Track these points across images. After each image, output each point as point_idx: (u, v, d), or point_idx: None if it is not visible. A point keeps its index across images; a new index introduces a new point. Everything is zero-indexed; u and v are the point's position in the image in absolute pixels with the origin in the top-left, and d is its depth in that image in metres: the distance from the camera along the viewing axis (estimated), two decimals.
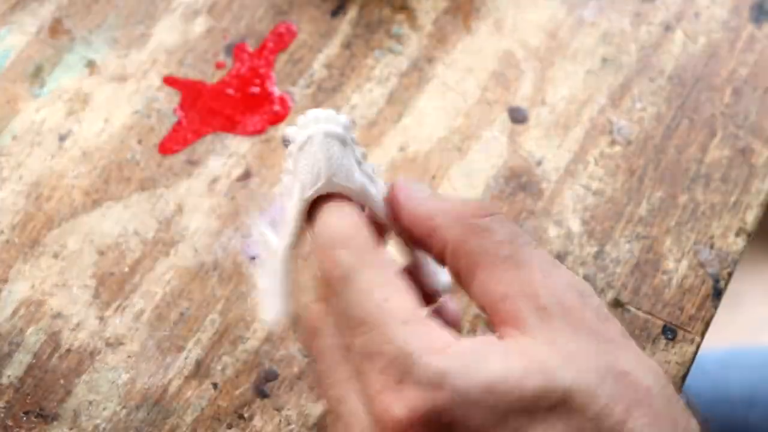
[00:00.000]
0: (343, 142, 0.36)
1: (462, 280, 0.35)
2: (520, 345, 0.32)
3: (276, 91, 0.52)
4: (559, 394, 0.31)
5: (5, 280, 0.48)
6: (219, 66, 0.53)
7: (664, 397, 0.32)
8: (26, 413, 0.45)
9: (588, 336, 0.32)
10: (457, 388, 0.31)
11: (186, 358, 0.46)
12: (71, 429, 0.45)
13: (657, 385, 0.32)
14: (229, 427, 0.45)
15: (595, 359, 0.31)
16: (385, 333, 0.33)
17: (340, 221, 0.36)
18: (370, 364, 0.33)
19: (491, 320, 0.33)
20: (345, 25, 0.54)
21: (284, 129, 0.37)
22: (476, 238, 0.34)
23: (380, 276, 0.34)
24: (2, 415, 0.45)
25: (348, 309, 0.34)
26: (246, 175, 0.50)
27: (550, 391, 0.31)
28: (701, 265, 0.48)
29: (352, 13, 0.54)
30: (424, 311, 0.34)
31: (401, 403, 0.31)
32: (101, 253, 0.48)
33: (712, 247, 0.49)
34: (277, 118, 0.51)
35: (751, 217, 0.50)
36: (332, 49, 0.53)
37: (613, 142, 0.51)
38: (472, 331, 0.47)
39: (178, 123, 0.51)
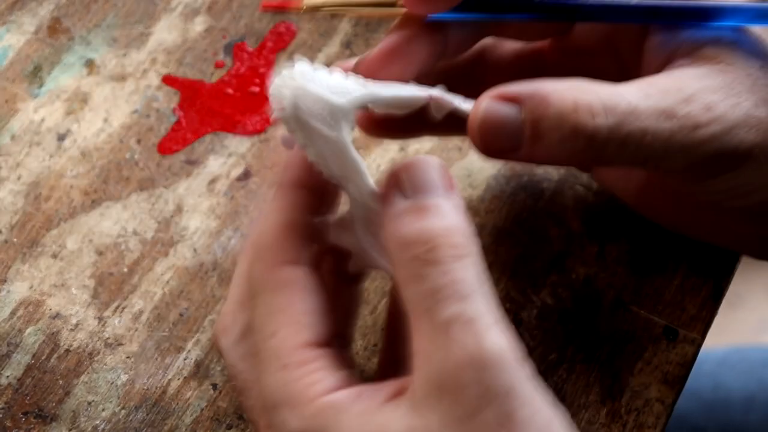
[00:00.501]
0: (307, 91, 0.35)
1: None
2: (395, 412, 0.31)
3: None
4: None
5: (4, 281, 0.47)
6: (218, 65, 0.53)
7: None
8: (25, 414, 0.45)
9: (462, 426, 0.30)
10: None
11: (185, 359, 0.46)
12: (70, 430, 0.45)
13: None
14: (229, 427, 0.45)
15: None
16: (264, 377, 0.32)
17: (266, 224, 0.35)
18: (253, 412, 0.34)
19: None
20: (345, 24, 0.54)
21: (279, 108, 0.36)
22: (412, 285, 0.32)
23: (276, 300, 0.33)
24: (1, 415, 0.45)
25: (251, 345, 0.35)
26: (245, 175, 0.50)
27: None
28: (702, 265, 0.48)
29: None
30: (313, 350, 0.32)
31: None
32: (100, 253, 0.48)
33: (713, 247, 0.48)
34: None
35: None
36: (332, 48, 0.53)
37: None
38: None
39: (178, 123, 0.51)
